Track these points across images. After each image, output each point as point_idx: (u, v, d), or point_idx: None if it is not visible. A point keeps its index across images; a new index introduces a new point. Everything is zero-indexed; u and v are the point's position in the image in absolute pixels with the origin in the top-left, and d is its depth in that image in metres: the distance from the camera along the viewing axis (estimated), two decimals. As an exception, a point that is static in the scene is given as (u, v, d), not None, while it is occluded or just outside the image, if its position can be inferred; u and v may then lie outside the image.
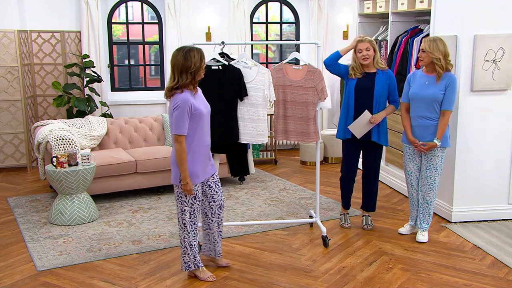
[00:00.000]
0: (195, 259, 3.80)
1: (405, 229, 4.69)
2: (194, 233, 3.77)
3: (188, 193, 3.62)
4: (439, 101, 4.26)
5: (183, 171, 3.56)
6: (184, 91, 3.52)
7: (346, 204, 4.91)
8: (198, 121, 3.57)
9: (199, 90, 3.69)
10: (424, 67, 4.35)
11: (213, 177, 3.84)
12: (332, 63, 4.61)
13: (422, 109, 4.32)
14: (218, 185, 3.86)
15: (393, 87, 4.57)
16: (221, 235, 4.00)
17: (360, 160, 5.01)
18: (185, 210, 3.70)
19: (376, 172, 4.78)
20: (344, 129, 4.66)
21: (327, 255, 4.27)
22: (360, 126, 4.52)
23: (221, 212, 3.91)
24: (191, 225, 3.74)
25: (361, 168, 4.87)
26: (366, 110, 4.48)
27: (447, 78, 4.25)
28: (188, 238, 3.75)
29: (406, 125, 4.46)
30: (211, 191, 3.83)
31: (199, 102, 3.61)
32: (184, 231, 3.74)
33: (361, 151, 4.76)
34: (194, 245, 3.79)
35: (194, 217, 3.74)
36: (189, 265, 3.82)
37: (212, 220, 3.91)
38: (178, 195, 3.70)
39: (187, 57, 3.48)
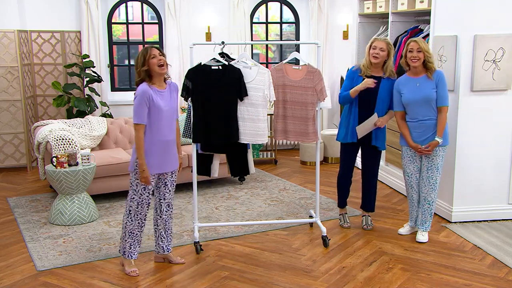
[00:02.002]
0: (130, 248, 3.93)
1: (404, 230, 4.69)
2: (138, 223, 3.90)
3: (144, 181, 3.75)
4: (434, 100, 4.28)
5: (140, 158, 3.73)
6: (144, 83, 3.74)
7: (342, 203, 4.90)
8: (154, 115, 3.74)
9: (167, 90, 3.85)
10: (411, 70, 4.36)
11: (172, 176, 3.98)
12: (345, 100, 4.63)
13: (420, 111, 4.32)
14: (173, 184, 4.02)
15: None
16: (168, 232, 4.09)
17: (360, 160, 5.00)
18: (134, 198, 3.85)
19: (375, 173, 4.79)
20: (345, 132, 4.64)
21: (327, 255, 4.27)
22: (365, 128, 4.53)
23: (168, 210, 4.04)
24: (136, 215, 3.87)
25: (360, 169, 4.87)
26: (376, 113, 4.49)
27: (435, 75, 4.30)
28: (130, 226, 3.88)
29: (406, 133, 4.43)
30: (165, 189, 3.98)
31: (162, 98, 3.77)
32: (128, 217, 3.87)
33: (360, 153, 4.78)
34: (136, 234, 3.91)
35: (141, 207, 3.87)
36: (124, 251, 3.93)
37: (160, 217, 4.04)
38: (131, 183, 3.84)
39: (136, 59, 3.79)
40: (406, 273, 3.93)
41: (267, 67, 5.87)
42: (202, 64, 4.26)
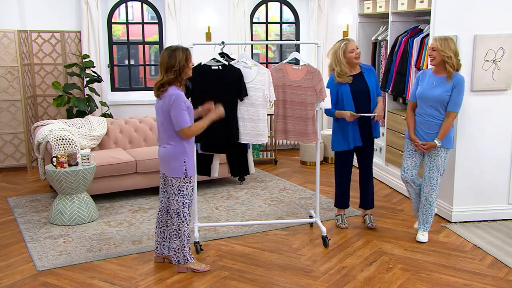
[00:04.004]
0: (189, 251, 3.94)
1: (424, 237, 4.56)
2: (189, 225, 3.92)
3: (218, 115, 3.85)
4: (445, 102, 4.24)
5: (204, 125, 3.79)
6: (171, 87, 3.67)
7: (344, 203, 4.90)
8: (190, 115, 3.74)
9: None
10: (433, 67, 4.33)
11: None
12: (330, 116, 4.68)
13: (429, 108, 4.31)
14: None
15: (377, 82, 4.74)
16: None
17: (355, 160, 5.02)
18: (185, 203, 3.83)
19: (371, 169, 4.85)
20: (341, 140, 4.63)
21: (327, 255, 4.27)
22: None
23: None
24: (189, 217, 3.90)
25: (357, 166, 4.89)
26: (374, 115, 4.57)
27: (455, 79, 4.22)
28: (187, 230, 3.88)
29: (410, 123, 4.45)
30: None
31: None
32: (184, 224, 3.85)
33: (355, 153, 4.82)
34: (190, 237, 3.95)
35: (190, 209, 3.90)
36: (187, 258, 3.92)
37: (172, 217, 3.93)
38: (179, 189, 3.80)
39: (171, 55, 3.63)
40: (406, 273, 3.93)
41: (267, 67, 5.87)
42: (202, 64, 4.26)
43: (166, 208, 4.00)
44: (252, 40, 7.91)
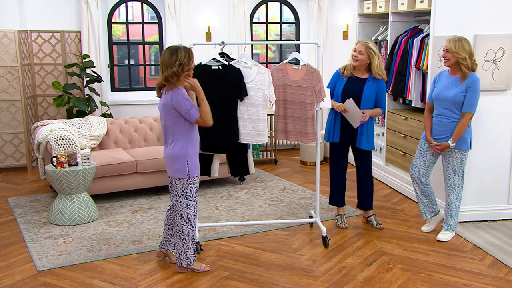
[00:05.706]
0: (194, 253, 3.93)
1: (427, 228, 4.69)
2: (194, 227, 3.89)
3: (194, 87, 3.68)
4: (460, 103, 4.24)
5: (203, 99, 3.73)
6: (180, 89, 3.67)
7: (337, 201, 4.91)
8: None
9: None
10: (450, 68, 4.33)
11: None
12: None
13: (444, 109, 4.33)
14: None
15: (382, 95, 4.61)
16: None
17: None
18: (190, 204, 3.81)
19: (367, 169, 4.83)
20: (329, 132, 4.69)
21: (327, 255, 4.27)
22: (354, 115, 4.51)
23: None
24: (194, 219, 3.87)
25: (354, 165, 4.90)
26: (351, 99, 4.47)
27: (469, 79, 4.21)
28: (192, 232, 3.87)
29: (427, 124, 4.49)
30: None
31: None
32: (189, 225, 3.83)
33: (351, 153, 4.83)
34: (195, 239, 3.93)
35: (196, 210, 3.88)
36: (190, 260, 3.90)
37: (176, 218, 3.93)
38: (182, 190, 3.79)
39: (172, 53, 3.62)
40: (406, 273, 3.93)
41: (267, 67, 5.87)
42: (202, 64, 4.26)
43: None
44: (252, 40, 7.91)
